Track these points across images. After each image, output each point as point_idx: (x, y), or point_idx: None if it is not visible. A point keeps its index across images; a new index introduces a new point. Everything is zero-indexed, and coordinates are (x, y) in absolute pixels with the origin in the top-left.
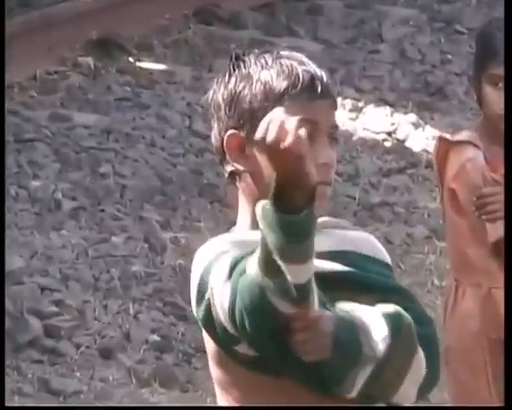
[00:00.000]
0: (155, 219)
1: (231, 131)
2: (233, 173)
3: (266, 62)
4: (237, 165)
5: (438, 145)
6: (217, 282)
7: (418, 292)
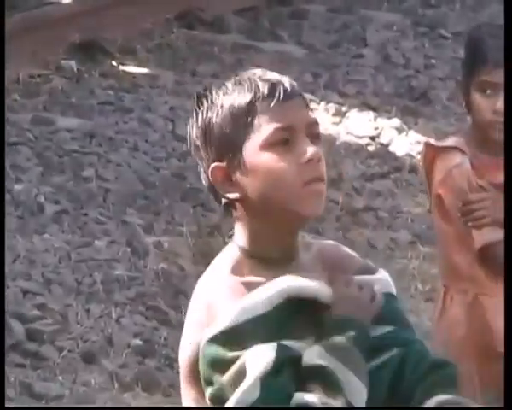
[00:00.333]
0: (138, 223)
1: (213, 164)
2: (227, 205)
3: (226, 88)
4: (228, 195)
5: (424, 151)
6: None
7: (401, 297)
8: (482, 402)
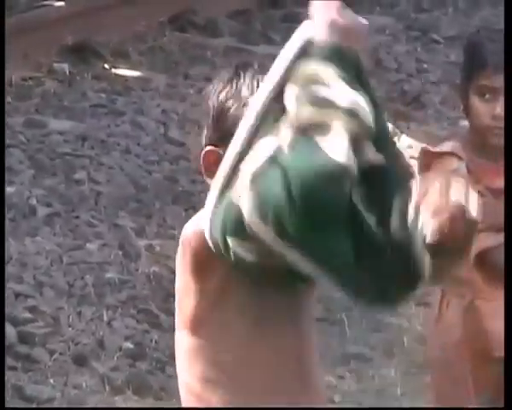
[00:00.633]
0: (130, 226)
1: (209, 147)
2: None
3: (258, 86)
4: (209, 181)
5: (421, 157)
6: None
7: None
8: (476, 405)
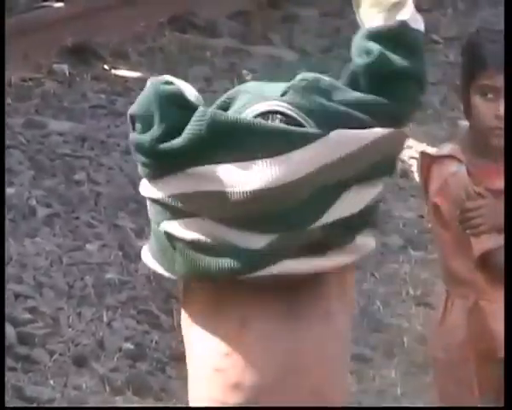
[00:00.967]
0: (130, 226)
1: None
2: None
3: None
4: None
5: (421, 160)
6: None
7: (393, 302)
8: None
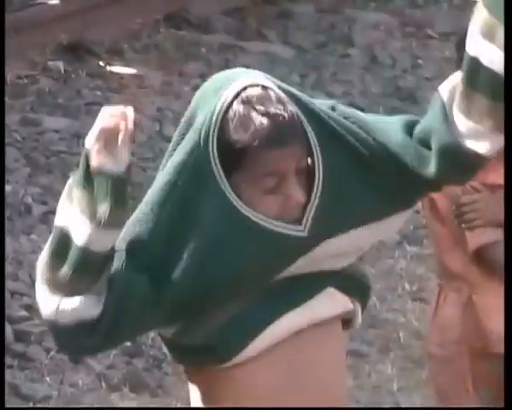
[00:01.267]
0: None
1: None
2: None
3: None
4: None
5: None
6: None
7: (389, 297)
8: (475, 401)
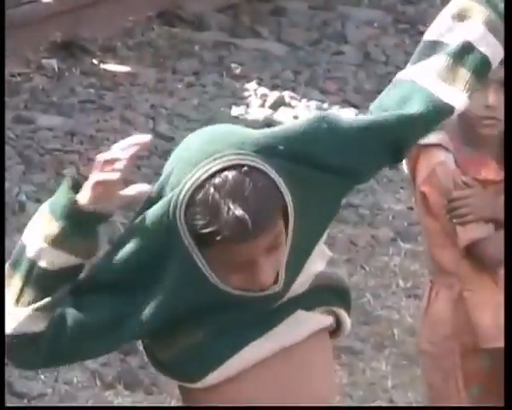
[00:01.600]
0: (120, 221)
1: None
2: None
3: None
4: None
5: None
6: None
7: (383, 294)
8: (466, 400)
